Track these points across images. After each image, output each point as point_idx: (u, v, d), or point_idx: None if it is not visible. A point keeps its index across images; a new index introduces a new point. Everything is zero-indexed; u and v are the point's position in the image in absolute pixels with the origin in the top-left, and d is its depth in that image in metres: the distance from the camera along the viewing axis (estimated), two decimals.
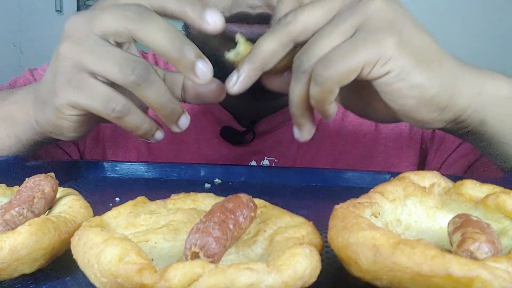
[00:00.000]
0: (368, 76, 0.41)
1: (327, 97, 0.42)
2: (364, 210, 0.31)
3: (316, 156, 0.74)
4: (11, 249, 0.28)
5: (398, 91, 0.42)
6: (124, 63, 0.42)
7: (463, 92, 0.45)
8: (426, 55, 0.43)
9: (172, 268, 0.24)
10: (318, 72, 0.40)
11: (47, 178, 0.36)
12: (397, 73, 0.41)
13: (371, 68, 0.41)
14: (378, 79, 0.42)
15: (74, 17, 0.46)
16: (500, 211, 0.31)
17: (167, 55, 0.42)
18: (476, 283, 0.22)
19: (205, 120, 0.76)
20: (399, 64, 0.41)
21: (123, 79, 0.42)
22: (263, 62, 0.43)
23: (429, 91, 0.42)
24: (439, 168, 0.72)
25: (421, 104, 0.43)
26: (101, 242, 0.27)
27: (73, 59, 0.44)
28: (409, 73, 0.41)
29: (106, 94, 0.44)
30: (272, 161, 0.74)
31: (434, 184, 0.35)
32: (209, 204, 0.36)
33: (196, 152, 0.75)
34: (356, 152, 0.75)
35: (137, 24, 0.42)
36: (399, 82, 0.41)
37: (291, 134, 0.73)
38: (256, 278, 0.24)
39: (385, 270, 0.24)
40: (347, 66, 0.40)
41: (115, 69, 0.42)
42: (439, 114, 0.45)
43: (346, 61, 0.40)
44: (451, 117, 0.46)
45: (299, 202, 0.51)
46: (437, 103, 0.43)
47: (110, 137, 0.77)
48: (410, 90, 0.42)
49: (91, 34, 0.44)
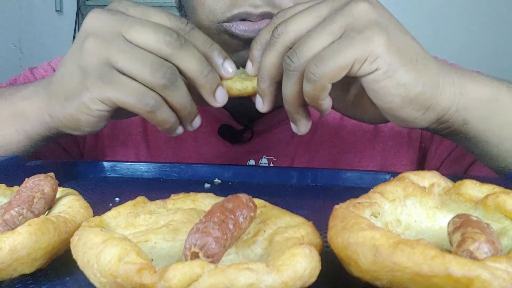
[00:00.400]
0: (357, 73, 0.43)
1: (320, 94, 0.44)
2: (364, 210, 0.31)
3: (314, 155, 0.74)
4: (10, 249, 0.28)
5: (385, 89, 0.44)
6: (155, 66, 0.45)
7: (445, 92, 0.47)
8: (411, 55, 0.45)
9: (171, 268, 0.24)
10: (311, 70, 0.42)
11: (47, 178, 0.36)
12: (384, 71, 0.43)
13: (360, 65, 0.42)
14: (366, 76, 0.44)
15: (97, 14, 0.47)
16: (500, 211, 0.31)
17: (195, 80, 0.47)
18: (476, 283, 0.22)
19: (203, 119, 0.76)
20: (387, 62, 0.43)
21: (154, 81, 0.45)
22: (271, 75, 0.47)
23: (413, 90, 0.44)
24: (438, 168, 0.72)
25: (405, 102, 0.45)
26: (100, 242, 0.27)
27: (102, 56, 0.46)
28: (396, 71, 0.43)
29: (141, 90, 0.46)
30: (270, 160, 0.74)
31: (434, 184, 0.35)
32: (208, 204, 0.36)
33: (195, 150, 0.75)
34: (355, 151, 0.75)
35: (177, 51, 0.46)
36: (386, 79, 0.43)
37: (290, 132, 0.74)
38: (256, 278, 0.24)
39: (385, 270, 0.24)
40: (338, 63, 0.42)
41: (147, 71, 0.45)
42: (422, 114, 0.46)
43: (337, 58, 0.42)
44: (435, 117, 0.48)
45: (299, 202, 0.51)
46: (421, 102, 0.45)
47: (109, 136, 0.77)
48: (396, 88, 0.44)
49: (119, 35, 0.46)
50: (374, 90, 0.44)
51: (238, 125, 0.74)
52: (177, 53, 0.46)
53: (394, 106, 0.45)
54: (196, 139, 0.75)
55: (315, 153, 0.74)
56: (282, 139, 0.75)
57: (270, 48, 0.46)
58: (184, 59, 0.46)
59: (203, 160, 0.74)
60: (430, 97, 0.46)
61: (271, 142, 0.75)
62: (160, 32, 0.45)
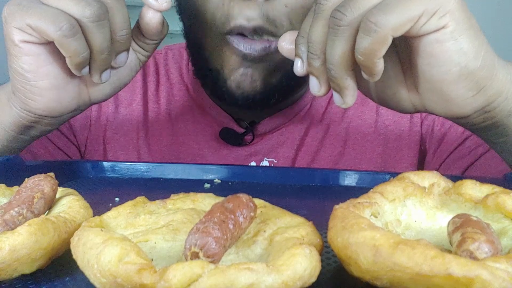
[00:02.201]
0: (422, 28, 0.38)
1: (379, 49, 0.38)
2: (364, 210, 0.31)
3: (315, 158, 0.75)
4: (10, 249, 0.28)
5: (446, 53, 0.40)
6: (82, 1, 0.44)
7: (499, 76, 0.43)
8: (475, 24, 0.41)
9: (171, 268, 0.24)
10: (371, 18, 0.37)
11: (46, 178, 0.36)
12: (451, 30, 0.39)
13: (428, 18, 0.38)
14: (430, 35, 0.39)
15: None
16: (500, 211, 0.31)
17: (92, 54, 0.47)
18: (476, 283, 0.22)
19: (204, 122, 0.76)
20: (456, 19, 0.39)
21: (78, 11, 0.44)
22: (323, 49, 0.41)
23: (473, 62, 0.40)
24: (437, 169, 0.72)
25: (462, 75, 0.41)
26: (100, 242, 0.27)
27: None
28: (462, 34, 0.39)
29: (55, 12, 0.44)
30: (271, 162, 0.74)
31: (434, 184, 0.35)
32: (208, 204, 0.36)
33: (196, 153, 0.75)
34: (355, 153, 0.75)
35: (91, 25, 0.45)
36: (450, 41, 0.39)
37: (291, 135, 0.74)
38: (256, 278, 0.24)
39: (385, 270, 0.24)
40: (406, 13, 0.37)
41: (72, 2, 0.44)
42: (473, 95, 0.42)
43: (405, 7, 0.37)
44: (483, 102, 0.43)
45: (299, 202, 0.51)
46: (476, 79, 0.41)
47: (111, 139, 0.77)
48: (457, 55, 0.40)
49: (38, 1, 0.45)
50: (433, 54, 0.40)
51: (239, 128, 0.74)
52: (91, 28, 0.45)
53: (448, 78, 0.41)
54: (198, 143, 0.75)
55: (316, 156, 0.74)
56: (283, 141, 0.75)
57: (317, 17, 0.41)
58: (96, 34, 0.45)
59: (204, 161, 0.74)
60: (486, 76, 0.41)
61: (272, 144, 0.75)
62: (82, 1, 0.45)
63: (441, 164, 0.72)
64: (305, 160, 0.74)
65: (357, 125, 0.75)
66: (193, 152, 0.75)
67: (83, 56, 0.46)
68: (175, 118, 0.77)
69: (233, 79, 0.62)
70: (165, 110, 0.77)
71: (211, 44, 0.63)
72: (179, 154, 0.75)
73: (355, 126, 0.75)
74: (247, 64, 0.61)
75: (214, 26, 0.60)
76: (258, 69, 0.62)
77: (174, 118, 0.77)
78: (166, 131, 0.77)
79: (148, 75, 0.80)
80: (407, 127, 0.75)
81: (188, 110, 0.77)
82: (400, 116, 0.75)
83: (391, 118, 0.75)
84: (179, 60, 0.81)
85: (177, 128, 0.76)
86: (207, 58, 0.64)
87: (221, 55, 0.62)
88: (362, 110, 0.76)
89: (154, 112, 0.77)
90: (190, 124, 0.76)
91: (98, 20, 0.45)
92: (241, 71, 0.61)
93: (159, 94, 0.79)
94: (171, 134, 0.76)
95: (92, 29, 0.45)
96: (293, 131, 0.75)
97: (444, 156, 0.71)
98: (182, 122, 0.76)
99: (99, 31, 0.45)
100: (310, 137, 0.75)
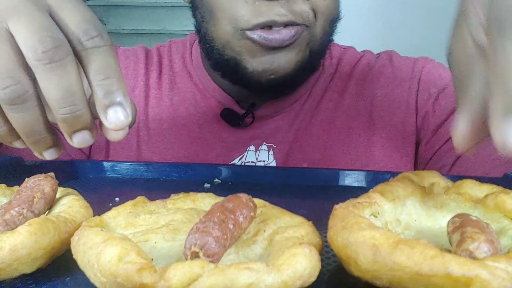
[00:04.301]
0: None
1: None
2: (363, 210, 0.31)
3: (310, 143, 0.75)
4: (11, 249, 0.28)
5: None
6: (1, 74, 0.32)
7: None
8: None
9: (171, 267, 0.24)
10: None
11: (47, 178, 0.36)
12: None
13: None
14: None
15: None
16: (499, 211, 0.31)
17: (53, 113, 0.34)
18: (475, 283, 0.22)
19: (206, 106, 0.78)
20: None
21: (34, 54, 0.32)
22: None
23: None
24: (429, 160, 0.73)
25: None
26: (100, 242, 0.27)
27: None
28: None
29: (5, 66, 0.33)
30: (270, 147, 0.76)
31: (433, 184, 0.35)
32: (208, 204, 0.36)
33: (197, 136, 0.76)
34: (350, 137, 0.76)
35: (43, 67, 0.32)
36: None
37: (290, 120, 0.75)
38: (256, 277, 0.24)
39: (385, 269, 0.24)
40: None
41: None
42: None
43: None
44: None
45: (299, 202, 0.51)
46: None
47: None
48: None
49: (3, 22, 0.33)
50: None
51: (241, 109, 0.76)
52: (42, 69, 0.32)
53: None
54: (199, 124, 0.77)
55: (310, 140, 0.75)
56: (282, 126, 0.76)
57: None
58: (46, 80, 0.32)
59: (205, 145, 0.75)
60: None
61: (271, 129, 0.76)
62: (37, 34, 0.32)
63: (433, 155, 0.73)
64: (300, 143, 0.75)
65: (350, 111, 0.76)
66: (193, 135, 0.76)
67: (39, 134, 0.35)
68: (176, 103, 0.78)
69: (256, 66, 0.64)
70: (167, 96, 0.79)
71: (225, 37, 0.64)
72: (180, 136, 0.76)
73: (349, 112, 0.76)
74: (268, 54, 0.63)
75: (234, 22, 0.62)
76: (284, 54, 0.64)
77: (176, 103, 0.78)
78: (167, 115, 0.78)
79: (151, 65, 0.82)
80: (402, 118, 0.75)
81: (190, 95, 0.79)
82: (395, 107, 0.75)
83: (386, 109, 0.76)
84: (183, 51, 0.83)
85: (179, 112, 0.78)
86: (221, 50, 0.66)
87: (237, 46, 0.64)
88: (357, 100, 0.77)
89: (155, 98, 0.79)
90: (191, 108, 0.78)
91: (13, 104, 0.33)
92: (260, 59, 0.63)
93: (162, 82, 0.80)
94: (172, 118, 0.77)
95: (7, 111, 0.33)
96: (292, 116, 0.76)
97: (436, 148, 0.72)
98: (184, 107, 0.78)
99: (17, 114, 0.33)
100: (305, 122, 0.76)
